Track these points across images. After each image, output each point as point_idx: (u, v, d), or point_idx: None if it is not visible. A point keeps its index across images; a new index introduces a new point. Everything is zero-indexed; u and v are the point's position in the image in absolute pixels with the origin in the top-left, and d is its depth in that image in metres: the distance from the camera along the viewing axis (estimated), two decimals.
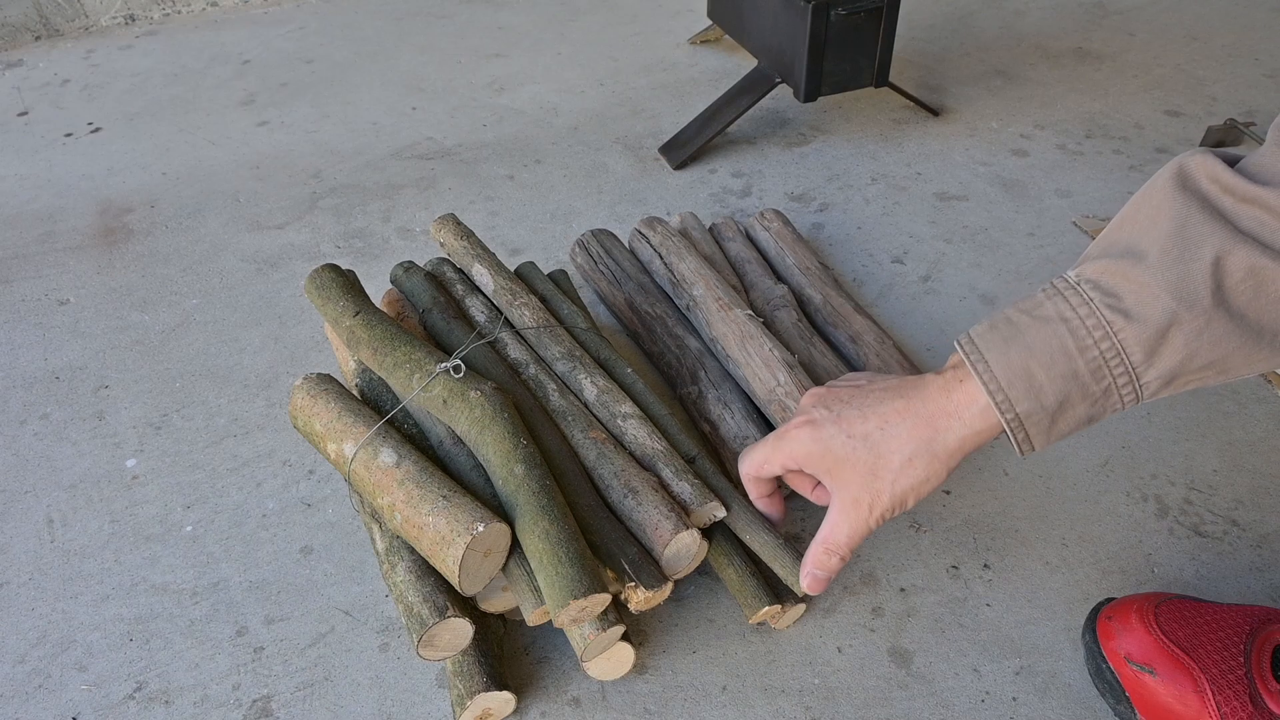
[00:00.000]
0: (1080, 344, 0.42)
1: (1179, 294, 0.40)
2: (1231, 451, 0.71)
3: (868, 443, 0.47)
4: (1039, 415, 0.43)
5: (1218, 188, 0.41)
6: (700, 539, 0.56)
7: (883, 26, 1.00)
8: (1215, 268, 0.40)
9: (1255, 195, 0.40)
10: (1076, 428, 0.44)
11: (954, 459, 0.47)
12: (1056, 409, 0.43)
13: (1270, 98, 1.17)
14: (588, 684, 0.58)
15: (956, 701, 0.56)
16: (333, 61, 1.37)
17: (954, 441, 0.46)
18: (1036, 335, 0.43)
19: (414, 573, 0.54)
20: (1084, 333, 0.42)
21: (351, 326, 0.64)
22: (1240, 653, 0.51)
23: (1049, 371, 0.42)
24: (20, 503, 0.71)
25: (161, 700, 0.58)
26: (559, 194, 1.04)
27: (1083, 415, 0.43)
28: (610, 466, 0.58)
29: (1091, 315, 0.42)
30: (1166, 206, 0.42)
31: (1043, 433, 0.44)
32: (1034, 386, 0.42)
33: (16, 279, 0.95)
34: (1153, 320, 0.40)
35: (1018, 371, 0.43)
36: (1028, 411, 0.43)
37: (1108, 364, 0.41)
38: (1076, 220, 0.97)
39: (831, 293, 0.81)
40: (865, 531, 0.49)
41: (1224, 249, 0.40)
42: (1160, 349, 0.41)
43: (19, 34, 1.46)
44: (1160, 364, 0.41)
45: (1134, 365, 0.41)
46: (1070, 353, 0.42)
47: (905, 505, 0.48)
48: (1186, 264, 0.40)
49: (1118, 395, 0.42)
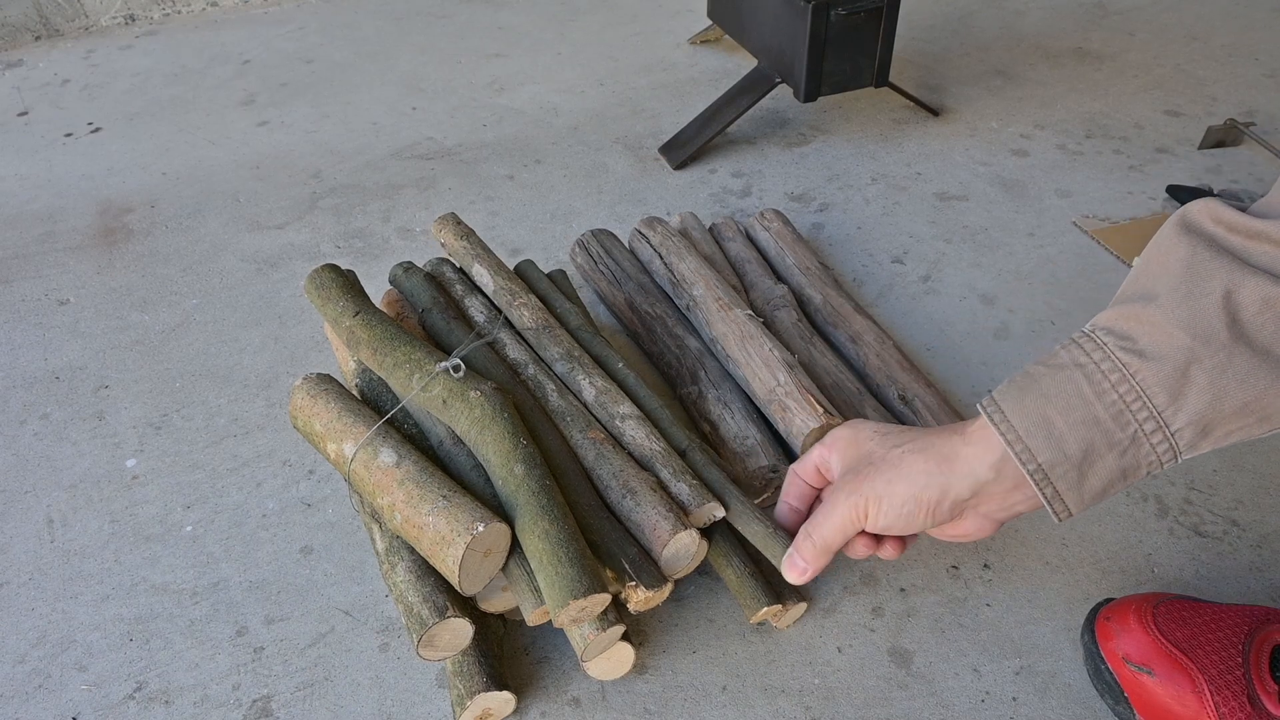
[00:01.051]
0: (1097, 388, 0.41)
1: (1193, 330, 0.39)
2: (1231, 451, 0.71)
3: (889, 454, 0.48)
4: (1063, 466, 0.41)
5: (1223, 227, 0.41)
6: (699, 539, 0.56)
7: (883, 26, 1.00)
8: (1227, 301, 0.39)
9: (1261, 230, 0.40)
10: (1112, 484, 0.42)
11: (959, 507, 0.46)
12: (1082, 459, 0.41)
13: (1270, 98, 1.17)
14: (588, 684, 0.58)
15: (956, 701, 0.56)
16: (333, 61, 1.37)
17: (965, 487, 0.45)
18: (1052, 383, 0.42)
19: (414, 573, 0.54)
20: (1100, 376, 0.41)
21: (351, 326, 0.64)
22: (1238, 653, 0.51)
23: (1067, 418, 0.41)
24: (20, 503, 0.71)
25: (161, 700, 0.58)
26: (559, 194, 1.04)
27: (1114, 469, 0.41)
28: (609, 467, 0.58)
29: (1107, 359, 0.41)
30: (1173, 250, 0.41)
31: (1073, 488, 0.42)
32: (1053, 435, 0.41)
33: (16, 279, 0.95)
34: (1170, 358, 0.39)
35: (1035, 419, 0.42)
36: (1050, 462, 0.42)
37: (1129, 408, 0.40)
38: (1076, 220, 0.97)
39: (831, 293, 0.81)
40: (847, 531, 0.49)
41: (1233, 282, 0.39)
42: (1184, 390, 0.39)
43: (19, 34, 1.46)
44: (1188, 408, 0.39)
45: (1159, 409, 0.40)
46: (1087, 398, 0.41)
47: (891, 528, 0.48)
48: (1197, 299, 0.39)
49: (1149, 445, 0.40)
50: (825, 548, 0.50)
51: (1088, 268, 0.90)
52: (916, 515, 0.46)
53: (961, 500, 0.45)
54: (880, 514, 0.47)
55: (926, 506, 0.46)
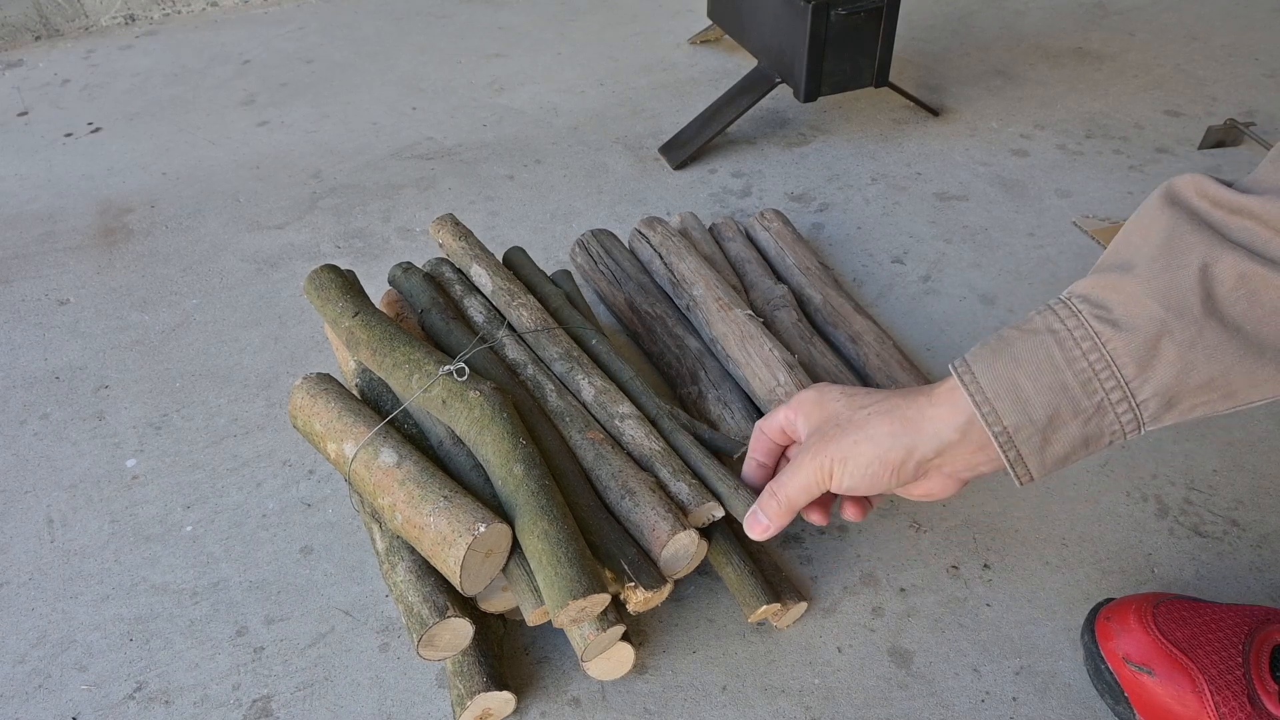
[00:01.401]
0: (1068, 355, 0.41)
1: (1167, 302, 0.39)
2: (1231, 451, 0.71)
3: (854, 416, 0.48)
4: (1028, 430, 0.42)
5: (1207, 201, 0.41)
6: (698, 539, 0.56)
7: (883, 26, 1.00)
8: (1203, 275, 0.39)
9: (1243, 205, 0.40)
10: (1074, 451, 0.43)
11: (924, 467, 0.46)
12: (1046, 424, 0.42)
13: (1270, 98, 1.17)
14: (588, 684, 0.58)
15: (956, 701, 0.56)
16: (333, 61, 1.37)
17: (930, 448, 0.45)
18: (1023, 347, 0.42)
19: (414, 573, 0.54)
20: (1071, 343, 0.41)
21: (351, 327, 0.64)
22: (1239, 653, 0.51)
23: (1036, 383, 0.41)
24: (20, 503, 0.71)
25: (161, 700, 0.58)
26: (559, 194, 1.04)
27: (1078, 436, 0.42)
28: (608, 467, 0.58)
29: (1080, 326, 0.41)
30: (1155, 222, 0.42)
31: (1035, 453, 0.42)
32: (1020, 398, 0.42)
33: (16, 279, 0.95)
34: (1141, 329, 0.40)
35: (1004, 383, 0.42)
36: (1016, 425, 0.42)
37: (1097, 376, 0.40)
38: (1076, 220, 0.97)
39: (831, 293, 0.81)
40: (811, 491, 0.49)
41: (1211, 256, 0.39)
42: (1152, 362, 0.40)
43: (19, 34, 1.46)
44: (1155, 378, 0.40)
45: (1127, 380, 0.40)
46: (1058, 364, 0.41)
47: (856, 488, 0.48)
48: (1174, 272, 0.40)
49: (1113, 414, 0.41)
50: (789, 506, 0.51)
51: (1088, 268, 0.90)
52: (881, 475, 0.46)
53: (926, 460, 0.45)
54: (845, 474, 0.47)
55: (891, 467, 0.46)
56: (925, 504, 0.68)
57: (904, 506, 0.68)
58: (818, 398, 0.51)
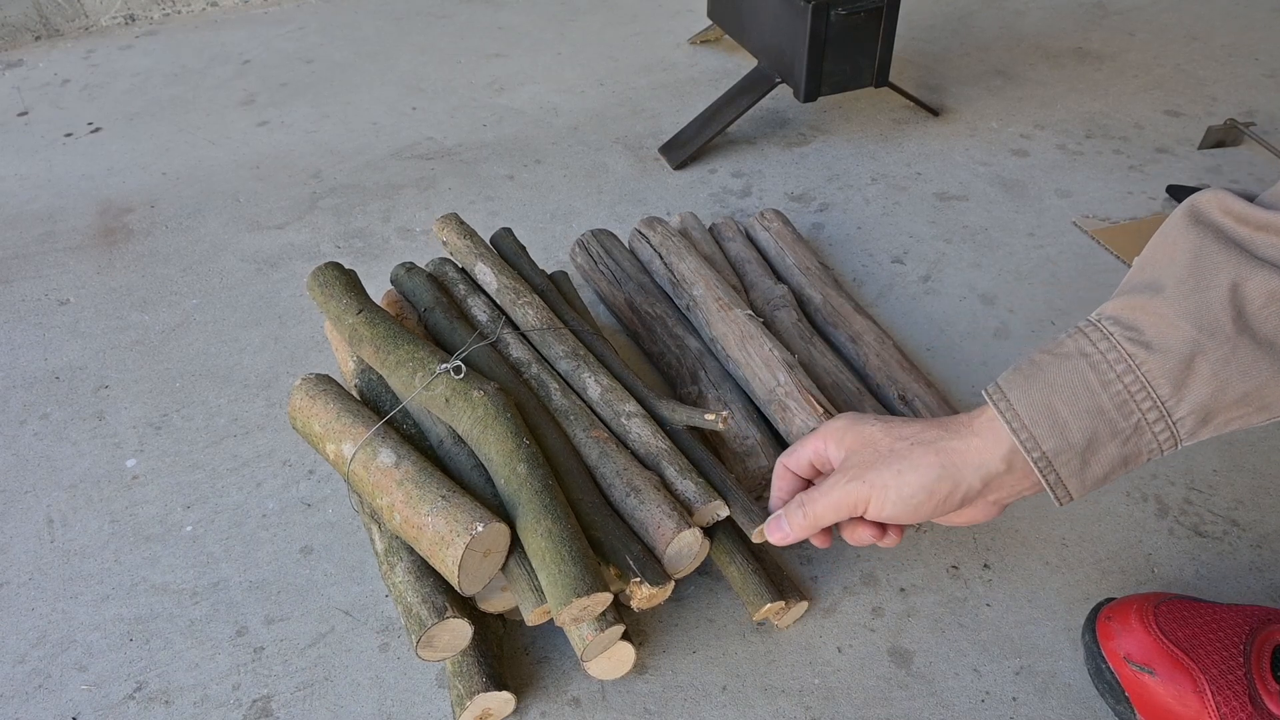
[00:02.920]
0: (1103, 378, 0.41)
1: (1199, 323, 0.39)
2: (1231, 451, 0.71)
3: (896, 446, 0.47)
4: (1067, 454, 0.42)
5: (1232, 219, 0.41)
6: (702, 538, 0.56)
7: (883, 26, 1.00)
8: (1234, 294, 0.39)
9: (1269, 221, 0.40)
10: (1113, 470, 0.42)
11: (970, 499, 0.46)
12: (1085, 448, 0.42)
13: (1270, 98, 1.17)
14: (588, 684, 0.58)
15: (956, 701, 0.56)
16: (333, 61, 1.37)
17: (977, 480, 0.45)
18: (1058, 372, 0.42)
19: (413, 573, 0.54)
20: (1105, 366, 0.41)
21: (354, 324, 0.64)
22: (1240, 653, 0.51)
23: (1072, 407, 0.41)
24: (20, 503, 0.71)
25: (161, 700, 0.58)
26: (559, 194, 1.04)
27: (1116, 456, 0.42)
28: (612, 465, 0.58)
29: (1113, 349, 0.41)
30: (1181, 241, 0.42)
31: (1075, 475, 0.42)
32: (1058, 423, 0.42)
33: (16, 279, 0.95)
34: (1175, 350, 0.40)
35: (1040, 408, 0.42)
36: (1055, 450, 0.42)
37: (1133, 398, 0.41)
38: (1076, 220, 0.97)
39: (831, 293, 0.81)
40: (841, 512, 0.49)
41: (1240, 275, 0.39)
42: (1187, 380, 0.40)
43: (19, 34, 1.46)
44: (1190, 397, 0.40)
45: (1162, 399, 0.40)
46: (1093, 387, 0.41)
47: (897, 518, 0.47)
48: (1204, 292, 0.40)
49: (1151, 434, 0.41)
50: (814, 522, 0.50)
51: (1088, 268, 0.90)
52: (925, 506, 0.46)
53: (973, 492, 0.45)
54: (886, 503, 0.47)
55: (937, 498, 0.46)
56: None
57: None
58: (850, 425, 0.50)
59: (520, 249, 0.79)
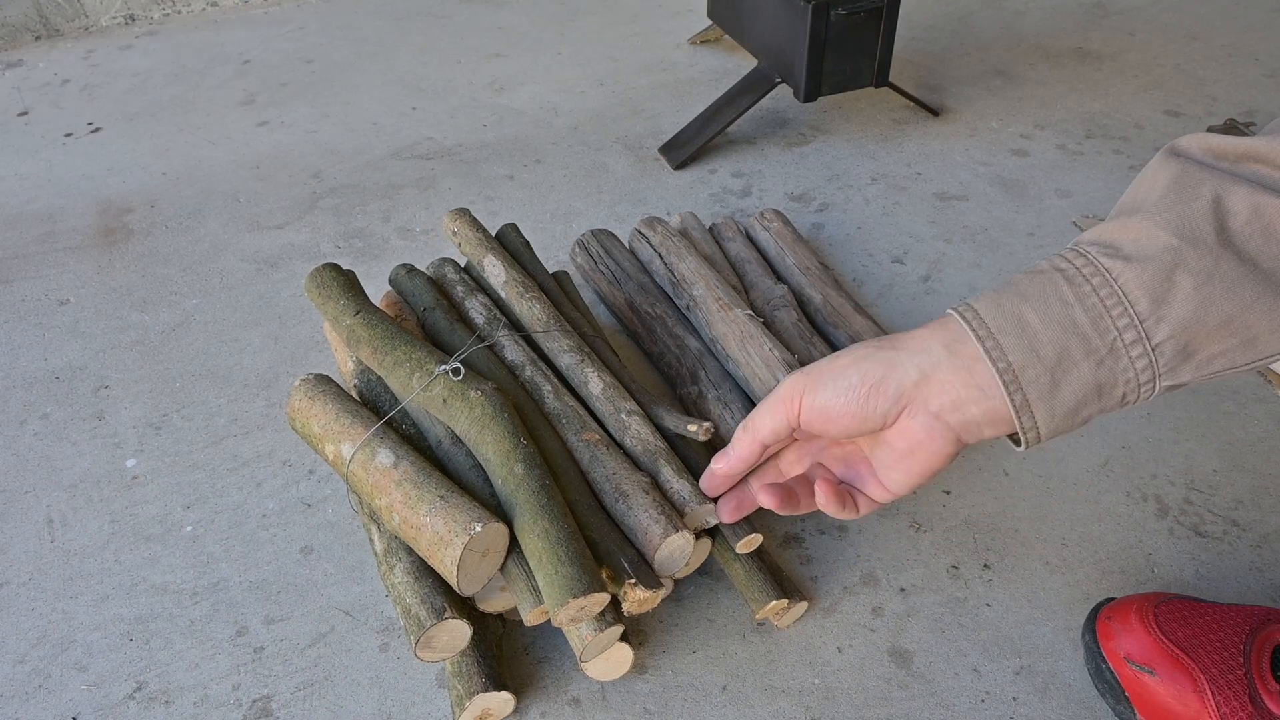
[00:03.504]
0: (1078, 291, 0.38)
1: (1180, 231, 0.37)
2: (1231, 451, 0.71)
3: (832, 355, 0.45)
4: (1035, 369, 0.38)
5: (1211, 154, 0.40)
6: (694, 540, 0.56)
7: (883, 26, 1.00)
8: (1216, 206, 0.37)
9: (1249, 148, 0.38)
10: (1086, 401, 0.39)
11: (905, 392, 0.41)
12: (1055, 363, 0.38)
13: (1270, 98, 1.17)
14: (588, 684, 0.58)
15: (956, 701, 0.56)
16: (333, 61, 1.37)
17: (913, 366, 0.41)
18: (1030, 285, 0.39)
19: (411, 574, 0.54)
20: (1080, 279, 0.38)
21: (352, 325, 0.64)
22: (1240, 653, 0.51)
23: (1044, 317, 0.38)
24: (20, 503, 0.71)
25: (161, 700, 0.58)
26: (559, 194, 1.04)
27: (1089, 381, 0.38)
28: (602, 470, 0.58)
29: (1088, 264, 0.39)
30: (1160, 171, 0.40)
31: (1044, 397, 0.39)
32: (1027, 332, 0.38)
33: (16, 279, 0.95)
34: (1154, 258, 0.37)
35: (1009, 316, 0.39)
36: (1022, 363, 0.39)
37: (1109, 312, 0.38)
38: (1076, 220, 0.97)
39: (831, 293, 0.81)
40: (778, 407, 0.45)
41: (1223, 189, 0.37)
42: (1168, 295, 0.37)
43: (19, 34, 1.46)
44: (1171, 315, 0.37)
45: (1140, 317, 0.37)
46: (1067, 300, 0.38)
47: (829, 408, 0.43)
48: (1186, 204, 0.38)
49: (1127, 358, 0.38)
50: (753, 433, 0.47)
51: None
52: (855, 389, 0.42)
53: (910, 380, 0.41)
54: (819, 390, 0.43)
55: (869, 380, 0.42)
56: (925, 504, 0.68)
57: (904, 506, 0.68)
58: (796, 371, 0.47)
59: (525, 244, 0.79)
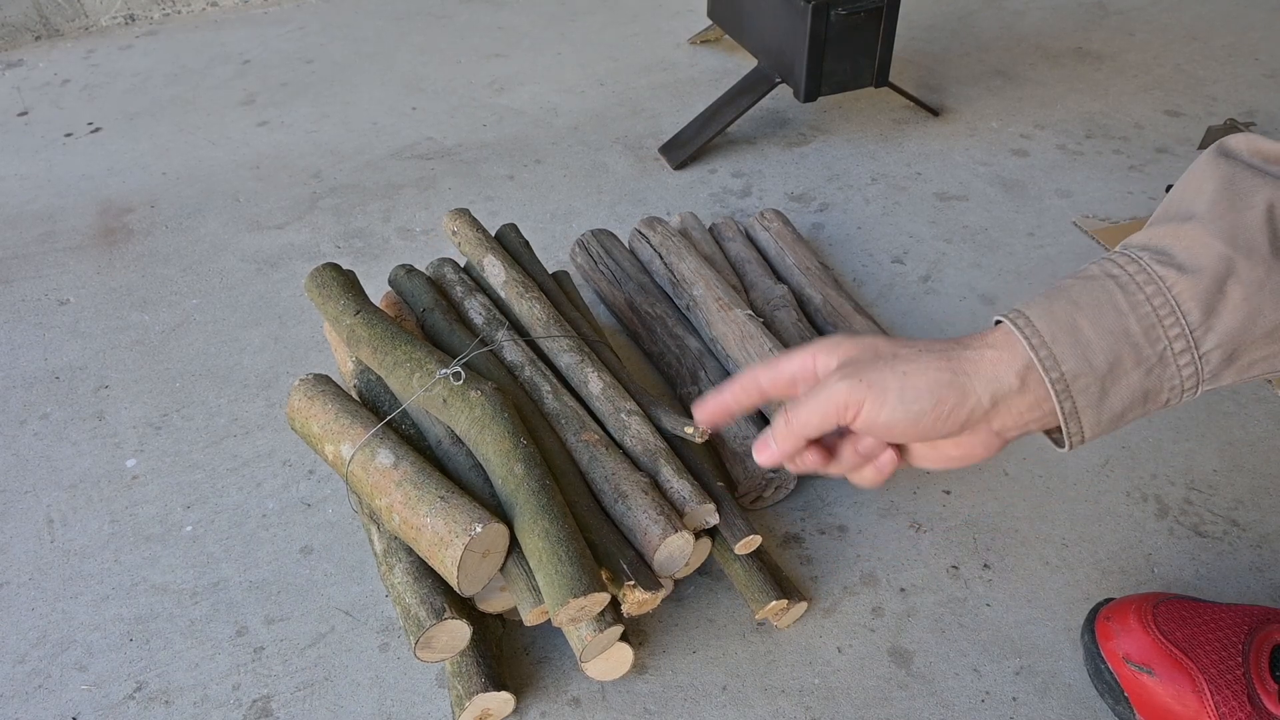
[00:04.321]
0: (1131, 299, 0.38)
1: (1233, 241, 0.37)
2: (1231, 451, 0.71)
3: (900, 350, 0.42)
4: (1087, 378, 0.38)
5: (1260, 156, 0.40)
6: (694, 540, 0.56)
7: (883, 26, 1.00)
8: (1270, 215, 0.37)
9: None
10: (1131, 407, 0.39)
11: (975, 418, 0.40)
12: (1107, 373, 0.38)
13: (1270, 98, 1.17)
14: (588, 684, 0.58)
15: (956, 701, 0.56)
16: (333, 61, 1.37)
17: (987, 394, 0.40)
18: (1083, 291, 0.39)
19: (411, 574, 0.54)
20: (1134, 288, 0.38)
21: (352, 325, 0.64)
22: (1238, 653, 0.51)
23: (1097, 326, 0.38)
24: (20, 503, 0.71)
25: (161, 700, 0.58)
26: (559, 194, 1.04)
27: (1137, 389, 0.38)
28: (601, 470, 0.58)
29: (1141, 271, 0.38)
30: (1211, 173, 0.40)
31: (1092, 406, 0.39)
32: (1080, 342, 0.38)
33: (16, 279, 0.95)
34: (1207, 268, 0.37)
35: (1063, 325, 0.38)
36: (1074, 372, 0.38)
37: (1161, 322, 0.37)
38: (1076, 220, 0.97)
39: (831, 293, 0.81)
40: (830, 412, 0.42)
41: (1276, 197, 0.37)
42: (1218, 306, 0.37)
43: (19, 34, 1.46)
44: (1220, 325, 0.37)
45: (1191, 327, 0.37)
46: (1120, 308, 0.38)
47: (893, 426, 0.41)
48: (1239, 212, 0.37)
49: (1175, 367, 0.38)
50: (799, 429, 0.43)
51: None
52: (927, 416, 0.40)
53: (981, 409, 0.40)
54: (884, 407, 0.41)
55: (943, 409, 0.40)
56: (925, 504, 0.68)
57: (904, 506, 0.68)
58: (847, 336, 0.45)
59: (524, 244, 0.80)
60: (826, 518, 0.67)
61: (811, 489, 0.70)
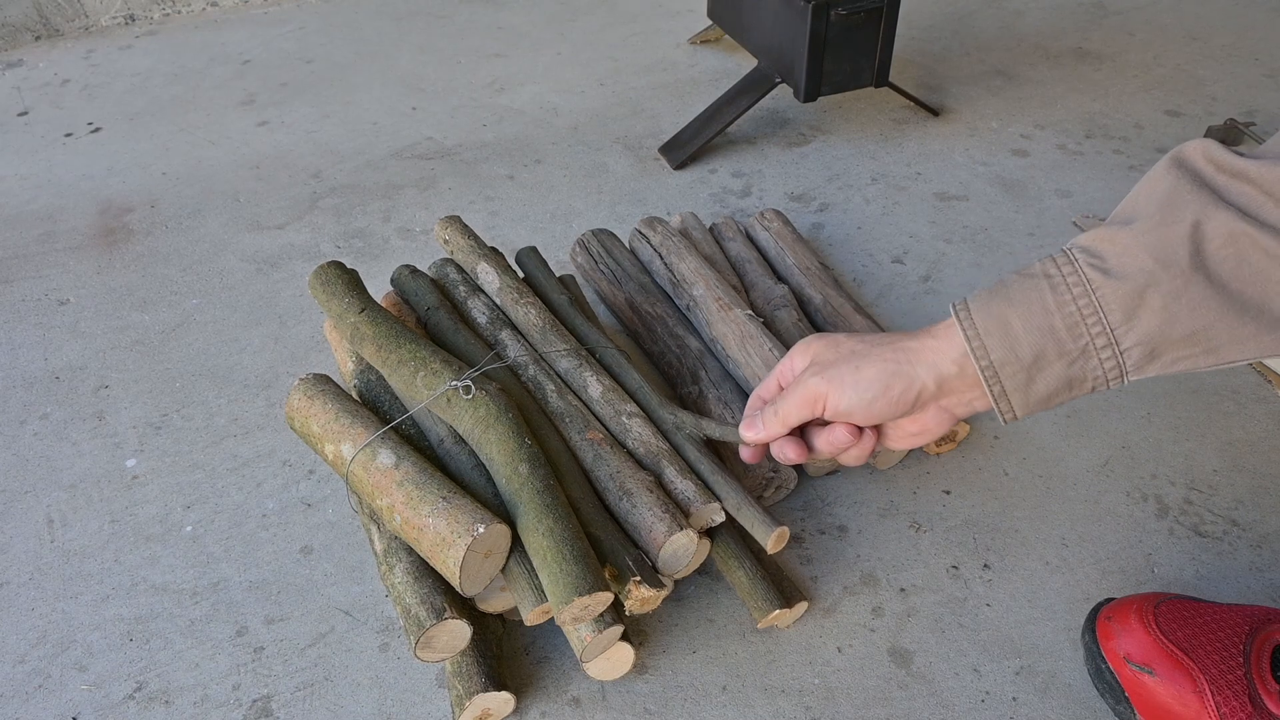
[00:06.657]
0: (1059, 299, 0.43)
1: (1158, 255, 0.41)
2: (1231, 451, 0.71)
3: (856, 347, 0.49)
4: (1013, 366, 0.44)
5: (1211, 165, 0.43)
6: (698, 539, 0.56)
7: (883, 26, 1.00)
8: (1194, 231, 0.41)
9: (1243, 169, 0.42)
10: (1057, 392, 0.44)
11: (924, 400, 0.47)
12: (1031, 363, 0.43)
13: (1270, 98, 1.17)
14: (588, 684, 0.58)
15: (956, 701, 0.56)
16: (333, 61, 1.37)
17: (930, 379, 0.46)
18: (1019, 289, 0.44)
19: (411, 574, 0.54)
20: (1064, 288, 0.43)
21: (357, 323, 0.64)
22: (1239, 653, 0.51)
23: (1025, 322, 0.43)
24: (20, 503, 0.71)
25: (161, 700, 0.58)
26: (559, 194, 1.04)
27: (1061, 377, 0.43)
28: (606, 468, 0.58)
29: (1074, 273, 0.43)
30: (1160, 181, 0.44)
31: (1020, 389, 0.44)
32: (1009, 335, 0.43)
33: (16, 279, 0.95)
34: (1131, 278, 0.41)
35: (995, 320, 0.44)
36: (1001, 361, 0.44)
37: (1084, 320, 0.42)
38: (1076, 220, 0.97)
39: (831, 293, 0.81)
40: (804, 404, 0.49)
41: (1204, 214, 0.41)
42: (1138, 311, 0.41)
43: (19, 34, 1.46)
44: (1139, 327, 0.41)
45: (1112, 326, 0.42)
46: (1049, 307, 0.43)
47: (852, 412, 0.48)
48: (1168, 227, 0.42)
49: (1097, 359, 0.42)
50: (783, 419, 0.51)
51: None
52: (880, 401, 0.47)
53: (929, 391, 0.46)
54: (842, 398, 0.48)
55: (892, 394, 0.47)
56: (925, 504, 0.68)
57: (904, 506, 0.68)
58: (816, 336, 0.52)
59: (542, 263, 0.79)
60: (826, 518, 0.67)
61: (811, 489, 0.70)
